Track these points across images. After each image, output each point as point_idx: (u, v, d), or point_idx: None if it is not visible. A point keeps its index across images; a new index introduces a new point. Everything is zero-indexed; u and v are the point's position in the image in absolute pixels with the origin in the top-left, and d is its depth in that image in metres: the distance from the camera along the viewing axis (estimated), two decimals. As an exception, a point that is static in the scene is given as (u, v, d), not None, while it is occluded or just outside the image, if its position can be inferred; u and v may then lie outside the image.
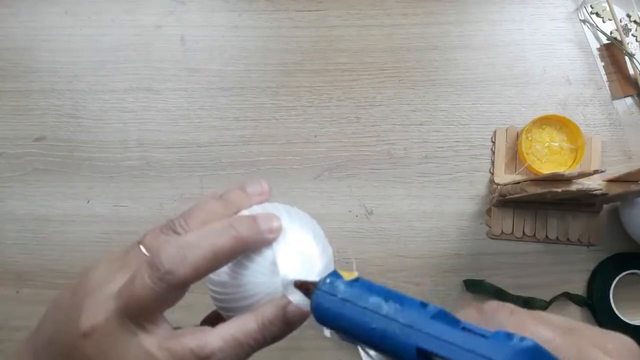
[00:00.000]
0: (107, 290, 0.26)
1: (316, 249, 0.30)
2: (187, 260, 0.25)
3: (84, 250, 0.62)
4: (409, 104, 0.65)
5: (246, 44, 0.67)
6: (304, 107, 0.65)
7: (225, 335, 0.26)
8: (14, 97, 0.66)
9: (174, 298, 0.26)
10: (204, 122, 0.65)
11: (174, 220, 0.28)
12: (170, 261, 0.25)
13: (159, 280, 0.25)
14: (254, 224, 0.28)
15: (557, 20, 0.67)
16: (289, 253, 0.28)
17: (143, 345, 0.25)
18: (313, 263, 0.29)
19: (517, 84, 0.65)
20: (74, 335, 0.26)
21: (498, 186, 0.60)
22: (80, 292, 0.27)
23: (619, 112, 0.64)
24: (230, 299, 0.29)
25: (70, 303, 0.27)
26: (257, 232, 0.27)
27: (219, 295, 0.29)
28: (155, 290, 0.25)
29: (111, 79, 0.67)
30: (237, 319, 0.27)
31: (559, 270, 0.60)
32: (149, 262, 0.25)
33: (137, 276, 0.25)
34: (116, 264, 0.28)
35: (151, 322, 0.26)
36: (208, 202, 0.29)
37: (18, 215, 0.64)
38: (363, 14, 0.67)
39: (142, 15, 0.68)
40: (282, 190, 0.63)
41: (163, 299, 0.25)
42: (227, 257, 0.27)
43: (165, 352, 0.25)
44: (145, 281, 0.25)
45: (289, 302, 0.27)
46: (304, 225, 0.30)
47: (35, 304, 0.61)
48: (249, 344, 0.27)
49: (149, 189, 0.64)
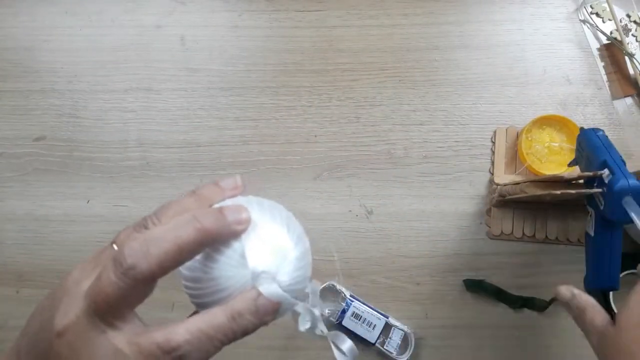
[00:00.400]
0: (79, 290, 0.26)
1: (289, 241, 0.29)
2: (150, 254, 0.25)
3: (84, 250, 0.62)
4: (409, 104, 0.65)
5: (246, 44, 0.67)
6: (304, 107, 0.65)
7: (192, 328, 0.26)
8: (14, 97, 0.67)
9: (142, 293, 0.26)
10: (204, 122, 0.65)
11: (147, 217, 0.29)
12: (133, 256, 0.25)
13: (122, 276, 0.25)
14: (220, 215, 0.27)
15: (557, 20, 0.67)
16: (259, 244, 0.28)
17: (112, 342, 0.25)
18: (285, 254, 0.29)
19: (517, 84, 0.65)
20: (50, 335, 0.26)
21: (498, 186, 0.60)
22: (57, 294, 0.27)
23: (619, 112, 0.64)
24: (202, 294, 0.28)
25: (48, 304, 0.28)
26: (223, 224, 0.27)
27: (192, 291, 0.29)
28: (120, 286, 0.25)
29: (111, 79, 0.67)
30: (206, 313, 0.27)
31: (559, 270, 0.60)
32: (113, 258, 0.25)
33: (103, 273, 0.25)
34: (91, 264, 0.28)
35: (120, 318, 0.26)
36: (181, 198, 0.30)
37: (18, 215, 0.64)
38: (363, 14, 0.67)
39: (142, 15, 0.68)
40: (282, 191, 0.63)
41: (129, 294, 0.25)
42: (192, 250, 0.26)
43: (134, 347, 0.25)
44: (110, 277, 0.25)
45: (259, 293, 0.27)
46: (276, 216, 0.30)
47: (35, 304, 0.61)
48: (217, 338, 0.26)
49: (149, 189, 0.64)
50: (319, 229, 0.62)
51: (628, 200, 0.43)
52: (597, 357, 0.40)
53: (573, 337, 0.59)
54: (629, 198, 0.43)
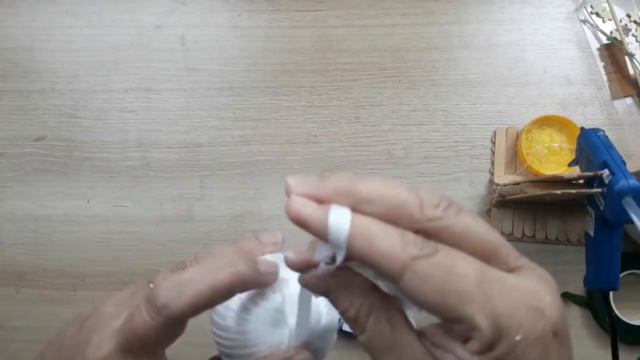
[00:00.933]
0: (112, 326, 0.27)
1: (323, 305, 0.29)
2: (183, 294, 0.25)
3: (84, 250, 0.62)
4: (409, 104, 0.65)
5: (246, 44, 0.67)
6: (304, 107, 0.65)
7: None
8: (14, 97, 0.66)
9: (173, 332, 0.26)
10: (204, 122, 0.65)
11: (185, 260, 0.29)
12: (166, 295, 0.25)
13: (155, 314, 0.25)
14: (253, 264, 0.27)
15: (557, 20, 0.67)
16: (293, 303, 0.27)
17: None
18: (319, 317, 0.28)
19: (517, 84, 0.65)
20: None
21: (498, 186, 0.60)
22: (88, 327, 0.28)
23: (619, 112, 0.64)
24: (232, 345, 0.28)
25: (77, 337, 0.28)
26: (256, 271, 0.27)
27: (222, 340, 0.29)
28: (152, 325, 0.25)
29: (111, 79, 0.67)
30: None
31: (559, 270, 0.60)
32: (147, 296, 0.26)
33: (136, 311, 0.26)
34: (125, 301, 0.28)
35: (152, 356, 0.26)
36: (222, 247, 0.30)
37: (18, 215, 0.64)
38: (363, 14, 0.67)
39: (142, 15, 0.68)
40: (282, 191, 0.63)
41: (161, 333, 0.25)
42: (225, 293, 0.26)
43: None
44: (143, 315, 0.25)
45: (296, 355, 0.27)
46: None
47: (35, 304, 0.61)
48: None
49: (149, 189, 0.64)
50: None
51: (628, 201, 0.43)
52: None
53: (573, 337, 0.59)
54: (629, 198, 0.43)
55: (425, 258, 0.20)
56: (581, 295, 0.60)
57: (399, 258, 0.20)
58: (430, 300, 0.20)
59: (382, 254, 0.20)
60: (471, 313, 0.20)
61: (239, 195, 0.63)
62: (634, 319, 0.59)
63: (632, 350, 0.58)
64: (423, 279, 0.20)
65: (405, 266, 0.20)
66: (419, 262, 0.20)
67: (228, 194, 0.63)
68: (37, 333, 0.60)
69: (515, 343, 0.20)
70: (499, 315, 0.20)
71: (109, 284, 0.61)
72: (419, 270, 0.20)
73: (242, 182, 0.63)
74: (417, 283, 0.20)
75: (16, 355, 0.60)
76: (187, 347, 0.33)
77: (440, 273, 0.20)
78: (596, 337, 0.59)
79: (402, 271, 0.20)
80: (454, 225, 0.21)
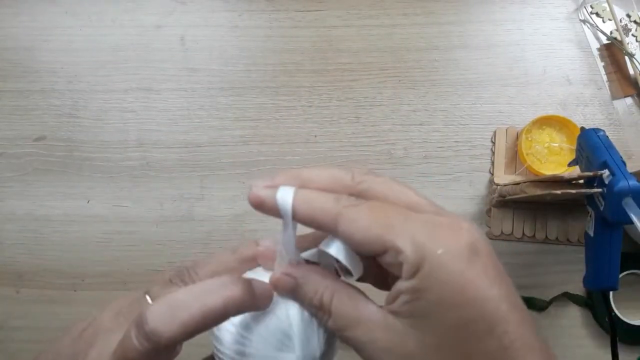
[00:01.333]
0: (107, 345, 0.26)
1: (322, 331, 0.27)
2: (174, 318, 0.24)
3: (84, 250, 0.62)
4: (409, 104, 0.65)
5: (246, 44, 0.67)
6: (304, 107, 0.65)
7: None
8: (14, 97, 0.66)
9: (167, 356, 0.26)
10: (204, 122, 0.65)
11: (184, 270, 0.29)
12: (156, 320, 0.24)
13: (144, 340, 0.24)
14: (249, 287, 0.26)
15: (557, 20, 0.67)
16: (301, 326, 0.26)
17: None
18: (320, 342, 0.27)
19: (517, 84, 0.65)
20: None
21: (498, 187, 0.60)
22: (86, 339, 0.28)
23: (619, 112, 0.64)
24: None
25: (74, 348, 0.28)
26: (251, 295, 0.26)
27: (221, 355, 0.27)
28: (141, 351, 0.24)
29: (111, 79, 0.67)
30: None
31: (559, 270, 0.60)
32: (136, 321, 0.25)
33: (126, 336, 0.25)
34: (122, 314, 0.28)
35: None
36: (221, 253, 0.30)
37: (18, 215, 0.64)
38: (363, 14, 0.67)
39: (142, 15, 0.68)
40: (282, 191, 0.63)
41: (152, 358, 0.25)
42: (218, 318, 0.25)
43: None
44: (132, 341, 0.24)
45: None
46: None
47: (35, 304, 0.61)
48: None
49: (149, 189, 0.64)
50: (319, 229, 0.62)
51: (628, 202, 0.43)
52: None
53: (573, 337, 0.59)
54: (629, 199, 0.43)
55: (353, 207, 0.25)
56: (581, 295, 0.60)
57: (333, 210, 0.25)
58: (360, 237, 0.24)
59: (319, 210, 0.25)
60: (393, 238, 0.24)
61: (239, 195, 0.63)
62: (634, 319, 0.59)
63: (632, 350, 0.58)
64: (353, 221, 0.24)
65: (338, 215, 0.24)
66: (348, 209, 0.25)
67: (228, 194, 0.63)
68: (37, 333, 0.60)
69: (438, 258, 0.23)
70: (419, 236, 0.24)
71: (109, 284, 0.61)
72: (349, 215, 0.24)
73: (242, 182, 0.63)
74: (348, 225, 0.24)
75: (16, 355, 0.60)
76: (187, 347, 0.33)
77: (366, 213, 0.24)
78: (596, 337, 0.59)
79: (336, 219, 0.24)
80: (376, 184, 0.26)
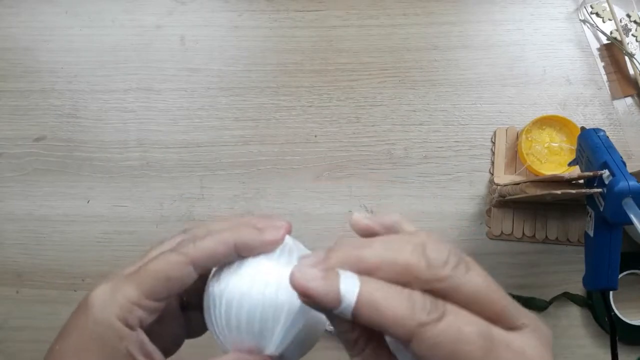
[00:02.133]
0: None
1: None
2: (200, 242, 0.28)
3: (84, 250, 0.62)
4: (409, 104, 0.65)
5: (246, 44, 0.67)
6: (304, 107, 0.65)
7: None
8: (14, 97, 0.67)
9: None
10: (204, 122, 0.65)
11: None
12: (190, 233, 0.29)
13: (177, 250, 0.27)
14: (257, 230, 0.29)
15: (557, 20, 0.67)
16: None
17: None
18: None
19: (517, 84, 0.65)
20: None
21: (498, 186, 0.60)
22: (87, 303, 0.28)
23: (619, 112, 0.64)
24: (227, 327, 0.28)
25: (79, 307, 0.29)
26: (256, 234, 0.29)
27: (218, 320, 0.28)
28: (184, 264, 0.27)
29: (111, 79, 0.67)
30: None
31: (559, 270, 0.60)
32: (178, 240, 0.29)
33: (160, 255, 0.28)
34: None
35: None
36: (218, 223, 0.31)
37: (18, 215, 0.64)
38: (363, 14, 0.67)
39: (142, 15, 0.68)
40: (282, 190, 0.63)
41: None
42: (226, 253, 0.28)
43: None
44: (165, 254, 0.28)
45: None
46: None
47: (35, 304, 0.61)
48: None
49: (149, 189, 0.64)
50: (319, 229, 0.62)
51: (628, 202, 0.43)
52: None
53: (573, 337, 0.59)
54: (628, 200, 0.43)
55: (432, 324, 0.21)
56: (581, 295, 0.60)
57: (407, 325, 0.20)
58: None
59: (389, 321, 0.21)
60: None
61: (239, 195, 0.63)
62: (634, 318, 0.59)
63: (632, 350, 0.58)
64: (431, 347, 0.21)
65: (414, 333, 0.20)
66: (426, 329, 0.20)
67: (228, 194, 0.63)
68: (37, 333, 0.60)
69: None
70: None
71: (109, 284, 0.61)
72: (428, 338, 0.20)
73: (242, 182, 0.63)
74: (426, 349, 0.21)
75: (16, 355, 0.60)
76: (188, 347, 0.33)
77: (447, 341, 0.21)
78: (596, 337, 0.59)
79: (410, 337, 0.21)
80: (463, 285, 0.22)
